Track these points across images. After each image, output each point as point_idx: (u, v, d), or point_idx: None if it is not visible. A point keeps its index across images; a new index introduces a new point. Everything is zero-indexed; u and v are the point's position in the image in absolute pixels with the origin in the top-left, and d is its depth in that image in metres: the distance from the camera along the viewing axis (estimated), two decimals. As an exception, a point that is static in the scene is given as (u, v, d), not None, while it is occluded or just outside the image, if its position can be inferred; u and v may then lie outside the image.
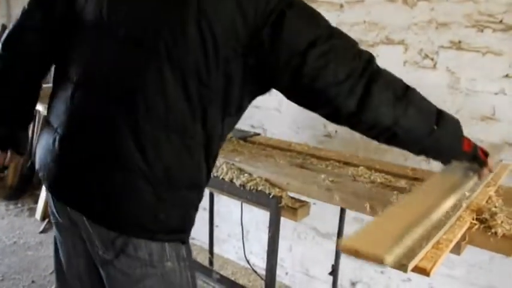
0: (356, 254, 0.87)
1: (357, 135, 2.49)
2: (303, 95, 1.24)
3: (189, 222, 1.28)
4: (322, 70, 1.16)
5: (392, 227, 0.97)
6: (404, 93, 1.24)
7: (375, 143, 1.31)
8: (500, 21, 2.02)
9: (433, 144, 1.30)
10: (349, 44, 1.23)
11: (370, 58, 1.23)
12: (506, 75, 2.04)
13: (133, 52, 1.15)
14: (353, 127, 1.30)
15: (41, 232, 3.68)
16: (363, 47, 1.21)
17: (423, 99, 1.28)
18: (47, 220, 4.01)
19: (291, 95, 1.26)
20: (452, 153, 1.35)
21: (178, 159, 1.18)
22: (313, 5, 1.20)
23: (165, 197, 1.19)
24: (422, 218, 1.03)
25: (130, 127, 1.13)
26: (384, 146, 2.21)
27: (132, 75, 1.15)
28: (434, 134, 1.26)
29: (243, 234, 2.62)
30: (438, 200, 1.16)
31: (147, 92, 1.13)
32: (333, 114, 1.27)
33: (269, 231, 1.73)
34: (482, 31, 2.08)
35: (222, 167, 1.83)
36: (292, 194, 1.72)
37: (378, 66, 1.23)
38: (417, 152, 1.34)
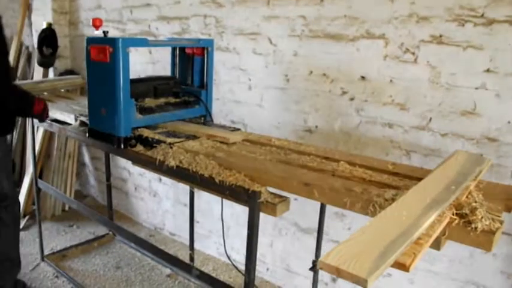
0: (337, 272, 0.86)
1: (337, 131, 2.48)
2: None
3: None
4: None
5: (373, 244, 0.96)
6: None
7: (354, 138, 1.29)
8: (482, 15, 2.01)
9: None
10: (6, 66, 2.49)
11: None
12: (487, 70, 2.04)
13: None
14: None
15: (22, 229, 3.61)
16: (343, 41, 1.18)
17: None
18: (27, 217, 3.99)
19: None
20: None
21: None
22: (292, -2, 1.18)
23: None
24: (403, 235, 1.02)
25: None
26: (364, 141, 2.20)
27: None
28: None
29: (223, 230, 2.60)
30: (419, 215, 1.16)
31: None
32: None
33: (248, 227, 1.70)
34: (463, 25, 2.07)
35: (201, 163, 1.80)
36: (272, 190, 1.70)
37: None
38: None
